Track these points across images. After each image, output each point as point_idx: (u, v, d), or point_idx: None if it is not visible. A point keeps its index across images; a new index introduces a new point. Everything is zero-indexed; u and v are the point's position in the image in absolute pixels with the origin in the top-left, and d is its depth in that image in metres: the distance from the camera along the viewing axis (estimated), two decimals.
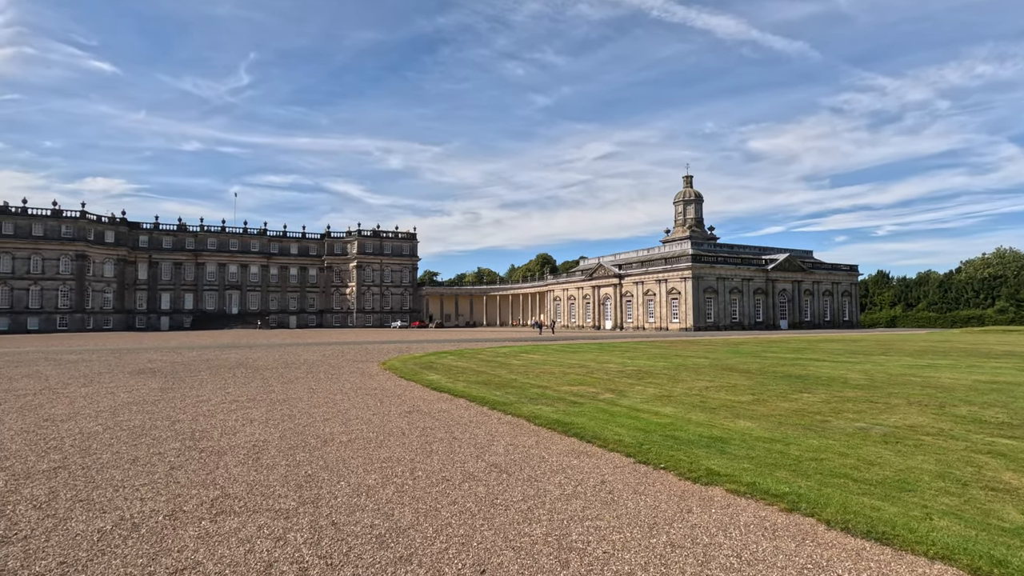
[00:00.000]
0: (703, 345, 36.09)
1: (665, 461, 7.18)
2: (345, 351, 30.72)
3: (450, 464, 6.97)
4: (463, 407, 11.77)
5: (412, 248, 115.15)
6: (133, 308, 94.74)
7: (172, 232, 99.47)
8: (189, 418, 10.11)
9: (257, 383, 15.80)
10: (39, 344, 41.22)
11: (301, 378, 17.18)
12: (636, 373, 18.64)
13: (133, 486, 5.92)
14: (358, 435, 8.66)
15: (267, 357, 26.07)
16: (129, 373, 19.00)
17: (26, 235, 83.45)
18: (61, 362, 23.63)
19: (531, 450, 7.89)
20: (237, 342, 42.71)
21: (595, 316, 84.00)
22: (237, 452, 7.46)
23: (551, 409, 11.19)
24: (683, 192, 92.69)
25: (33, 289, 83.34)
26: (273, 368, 20.54)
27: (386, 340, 45.75)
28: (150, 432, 8.82)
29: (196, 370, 19.86)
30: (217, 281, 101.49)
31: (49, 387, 15.29)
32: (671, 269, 71.38)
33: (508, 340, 45.02)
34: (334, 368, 20.67)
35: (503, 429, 9.40)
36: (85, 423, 9.66)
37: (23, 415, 10.71)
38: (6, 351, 32.00)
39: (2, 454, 7.46)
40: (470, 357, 26.44)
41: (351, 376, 17.84)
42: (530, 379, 16.84)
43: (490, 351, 30.67)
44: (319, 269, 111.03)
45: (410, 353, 28.96)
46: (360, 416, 10.41)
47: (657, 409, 11.37)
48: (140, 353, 29.31)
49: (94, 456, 7.26)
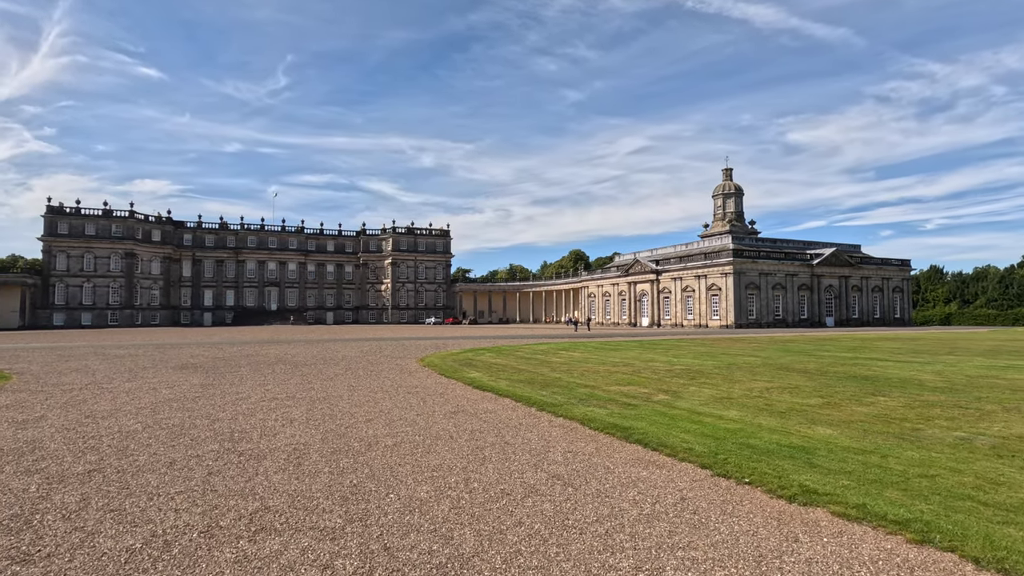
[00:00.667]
0: (749, 343, 34.57)
1: (748, 474, 6.35)
2: (382, 347, 30.54)
3: (507, 474, 6.30)
4: (509, 408, 11.11)
5: (446, 245, 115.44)
6: (178, 304, 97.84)
7: (214, 231, 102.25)
8: (228, 417, 9.75)
9: (296, 380, 15.52)
10: (91, 339, 42.64)
11: (340, 375, 16.85)
12: (686, 372, 17.66)
13: (168, 494, 5.45)
14: (403, 438, 8.08)
15: (306, 353, 26.03)
16: (172, 368, 19.07)
17: (79, 234, 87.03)
18: (109, 356, 24.08)
19: (592, 458, 7.16)
20: (276, 338, 43.25)
21: (631, 313, 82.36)
22: (277, 456, 6.97)
23: (605, 411, 10.42)
24: (722, 185, 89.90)
25: (86, 286, 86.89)
26: (312, 364, 20.35)
27: (422, 336, 45.61)
28: (189, 432, 8.46)
29: (236, 366, 19.82)
30: (257, 278, 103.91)
31: (95, 382, 15.35)
32: (711, 264, 69.24)
33: (544, 337, 44.27)
34: (373, 365, 20.34)
35: (557, 433, 8.68)
36: (125, 421, 9.40)
37: (67, 411, 10.57)
38: (61, 345, 33.08)
39: (40, 454, 7.17)
40: (508, 354, 25.83)
41: (390, 373, 17.43)
42: (575, 378, 16.08)
43: (528, 348, 30.00)
44: (355, 266, 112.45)
45: (447, 350, 28.54)
46: (403, 417, 9.86)
47: (720, 412, 10.47)
48: (183, 348, 29.78)
49: (131, 458, 6.88)
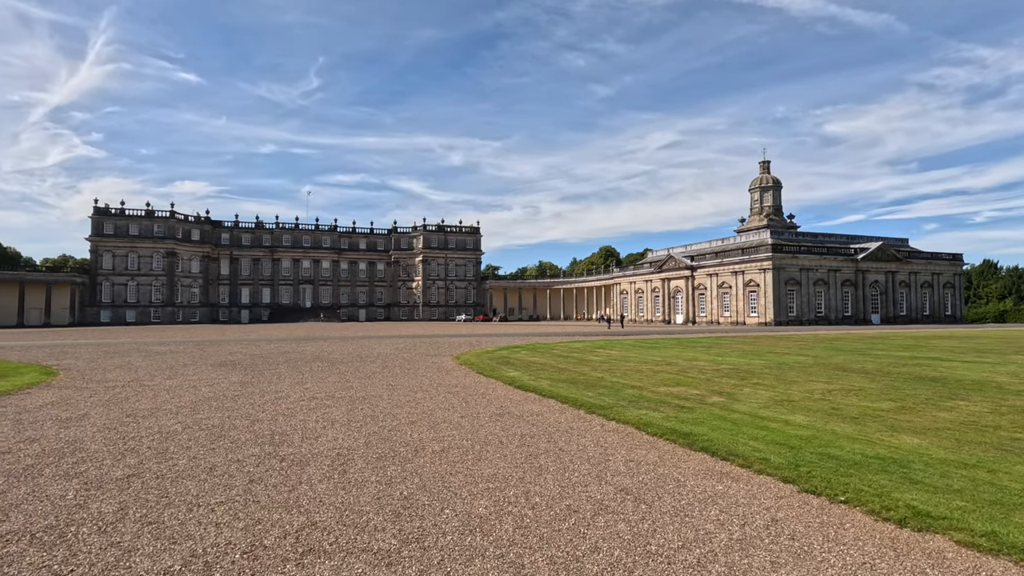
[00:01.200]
0: (793, 341, 33.13)
1: (840, 491, 5.63)
2: (416, 345, 30.33)
3: (569, 487, 5.73)
4: (556, 410, 10.54)
5: (476, 242, 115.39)
6: (217, 302, 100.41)
7: (251, 230, 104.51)
8: (268, 417, 9.45)
9: (334, 378, 15.27)
10: (134, 336, 43.84)
11: (378, 373, 16.55)
12: (734, 372, 16.77)
13: (208, 505, 5.07)
14: (451, 443, 7.60)
15: (341, 350, 25.97)
16: (211, 365, 19.13)
17: (124, 235, 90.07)
18: (151, 353, 24.46)
19: (657, 468, 6.53)
20: (311, 335, 43.66)
21: (665, 310, 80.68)
22: (320, 462, 6.56)
23: (659, 415, 9.75)
24: (759, 179, 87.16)
25: (130, 284, 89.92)
26: (349, 362, 20.17)
27: (454, 334, 45.41)
28: (228, 433, 8.16)
29: (274, 363, 19.78)
30: (292, 276, 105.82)
31: (137, 379, 15.41)
32: (749, 260, 67.14)
33: (577, 334, 43.51)
34: (409, 362, 20.04)
35: (613, 439, 8.07)
36: (165, 420, 9.19)
37: (109, 409, 10.46)
38: (106, 342, 33.99)
39: (80, 456, 6.94)
40: (544, 352, 25.24)
41: (427, 371, 17.05)
42: (619, 378, 15.40)
43: (563, 346, 29.36)
44: (386, 264, 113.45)
45: (481, 347, 28.13)
46: (448, 419, 9.39)
47: (785, 417, 9.68)
48: (222, 345, 30.15)
49: (170, 462, 6.57)
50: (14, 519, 4.77)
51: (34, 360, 21.44)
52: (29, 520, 4.74)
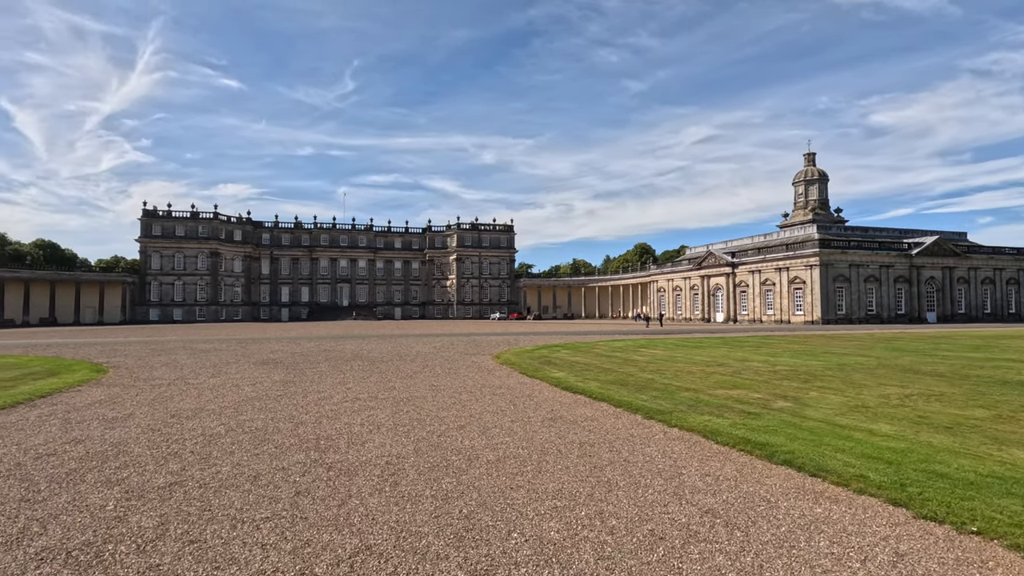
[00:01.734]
0: (847, 340, 31.40)
1: (967, 519, 4.81)
2: (454, 343, 30.02)
3: (646, 507, 5.09)
4: (611, 414, 9.88)
5: (509, 240, 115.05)
6: (258, 300, 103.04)
7: (290, 230, 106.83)
8: (312, 419, 9.11)
9: (375, 378, 14.97)
10: (181, 334, 45.07)
11: (419, 372, 16.19)
12: (793, 374, 15.74)
13: (253, 521, 4.64)
14: (505, 452, 7.04)
15: (380, 349, 25.84)
16: (254, 363, 19.16)
17: (171, 235, 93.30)
18: (196, 351, 24.84)
19: (739, 485, 5.82)
20: (349, 332, 44.01)
21: (704, 308, 78.53)
22: (370, 472, 6.10)
23: (725, 421, 8.98)
24: (804, 171, 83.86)
25: (177, 284, 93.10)
26: (388, 360, 19.92)
27: (489, 332, 45.04)
28: (272, 437, 7.81)
29: (315, 361, 19.70)
30: (329, 275, 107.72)
31: (182, 377, 15.45)
32: (794, 256, 64.58)
33: (615, 333, 42.51)
34: (449, 361, 19.65)
35: (680, 449, 7.37)
36: (208, 422, 8.95)
37: (153, 408, 10.34)
38: (154, 340, 34.93)
39: (123, 460, 6.68)
40: (586, 352, 24.52)
41: (469, 371, 16.60)
42: (669, 379, 14.60)
43: (604, 345, 28.55)
44: (421, 262, 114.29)
45: (520, 346, 27.59)
46: (498, 424, 8.85)
47: (867, 425, 8.77)
48: (264, 343, 30.50)
49: (213, 468, 6.23)
50: (51, 533, 4.45)
51: (87, 357, 21.98)
52: (67, 535, 4.40)
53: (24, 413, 10.11)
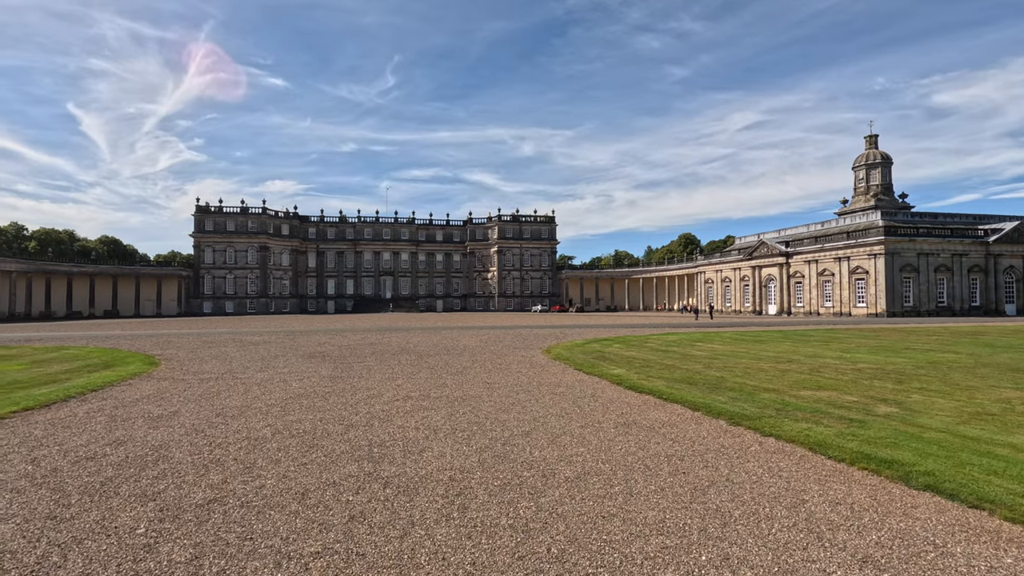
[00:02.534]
0: (925, 335, 28.91)
1: None
2: (500, 336, 29.25)
3: (781, 551, 4.05)
4: (689, 419, 8.79)
5: (551, 231, 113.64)
6: (305, 293, 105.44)
7: (335, 224, 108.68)
8: (363, 421, 8.40)
9: (425, 374, 14.27)
10: (232, 326, 46.08)
11: (469, 368, 15.42)
12: (880, 373, 14.16)
13: (301, 557, 3.86)
14: (584, 466, 6.09)
15: (426, 342, 25.31)
16: (301, 357, 18.88)
17: (222, 230, 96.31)
18: (245, 343, 24.94)
19: (886, 520, 4.67)
20: (393, 325, 43.98)
21: (756, 300, 75.28)
22: (432, 490, 5.27)
23: (829, 430, 7.75)
24: (865, 155, 78.95)
25: (228, 277, 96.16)
26: (436, 355, 19.28)
27: (534, 325, 44.12)
28: (321, 442, 7.12)
29: (362, 355, 19.25)
30: (373, 268, 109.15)
31: (230, 371, 15.19)
32: (855, 244, 60.82)
33: (665, 326, 40.84)
34: (498, 356, 18.84)
35: (787, 465, 6.25)
36: (254, 422, 8.37)
37: (200, 405, 9.90)
38: (207, 332, 35.65)
39: (162, 467, 6.09)
40: (639, 346, 23.29)
41: (521, 367, 15.72)
42: (740, 377, 13.32)
43: (657, 339, 27.19)
44: (462, 255, 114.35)
45: (569, 340, 26.55)
46: (566, 429, 7.90)
47: (1006, 439, 7.39)
48: (311, 336, 30.54)
49: (257, 481, 5.53)
50: (71, 564, 3.78)
51: (141, 349, 22.29)
52: (87, 567, 3.72)
53: (74, 408, 9.85)
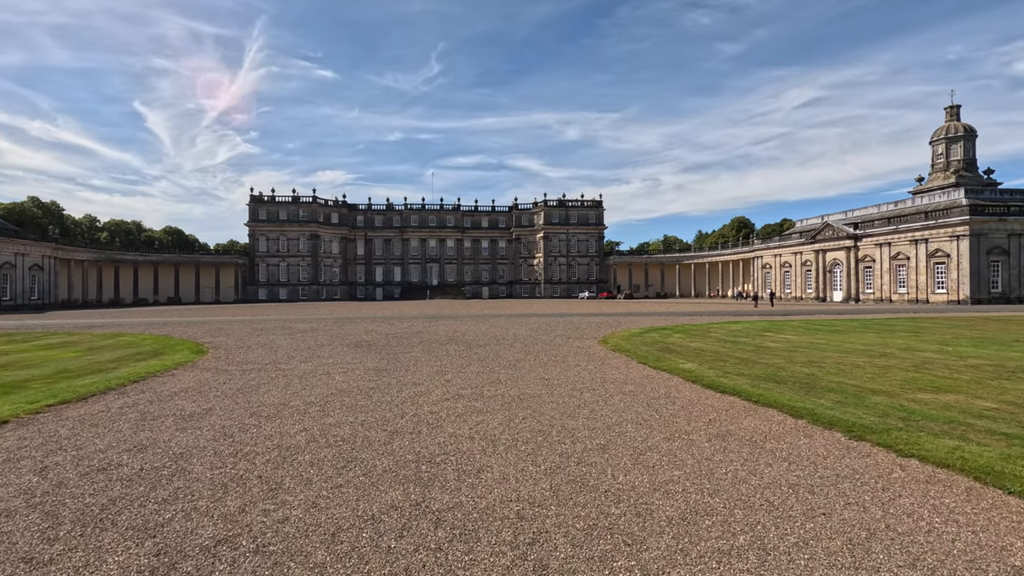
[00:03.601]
0: None
1: None
2: (550, 324, 27.96)
3: None
4: (792, 429, 7.27)
5: (598, 216, 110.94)
6: (354, 280, 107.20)
7: (382, 211, 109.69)
8: (409, 426, 7.33)
9: (476, 367, 13.17)
10: (283, 313, 46.72)
11: (522, 360, 14.23)
12: (1001, 371, 12.08)
13: None
14: (687, 500, 4.75)
15: (475, 330, 24.33)
16: (347, 346, 18.21)
17: (275, 219, 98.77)
18: (294, 331, 24.66)
19: None
20: (440, 312, 43.42)
21: (819, 286, 70.82)
22: (496, 534, 4.07)
23: (988, 451, 6.09)
24: (945, 127, 72.40)
25: (281, 265, 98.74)
26: (486, 345, 18.20)
27: (583, 312, 42.60)
28: (360, 455, 6.06)
29: (409, 345, 18.41)
30: (419, 255, 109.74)
31: (274, 361, 14.58)
32: (934, 225, 55.86)
33: (723, 314, 38.47)
34: (551, 346, 17.58)
35: (955, 504, 4.71)
36: (289, 425, 7.44)
37: (235, 402, 9.12)
38: (259, 319, 36.02)
39: (177, 485, 5.16)
40: (701, 336, 21.53)
41: (579, 359, 14.40)
42: (833, 374, 11.57)
43: (719, 328, 25.25)
44: (508, 241, 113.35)
45: (624, 329, 25.00)
46: (650, 442, 6.56)
47: None
48: (359, 323, 30.15)
49: (279, 511, 4.50)
50: None
51: (193, 337, 22.28)
52: None
53: (110, 402, 9.27)
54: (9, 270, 61.84)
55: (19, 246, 63.14)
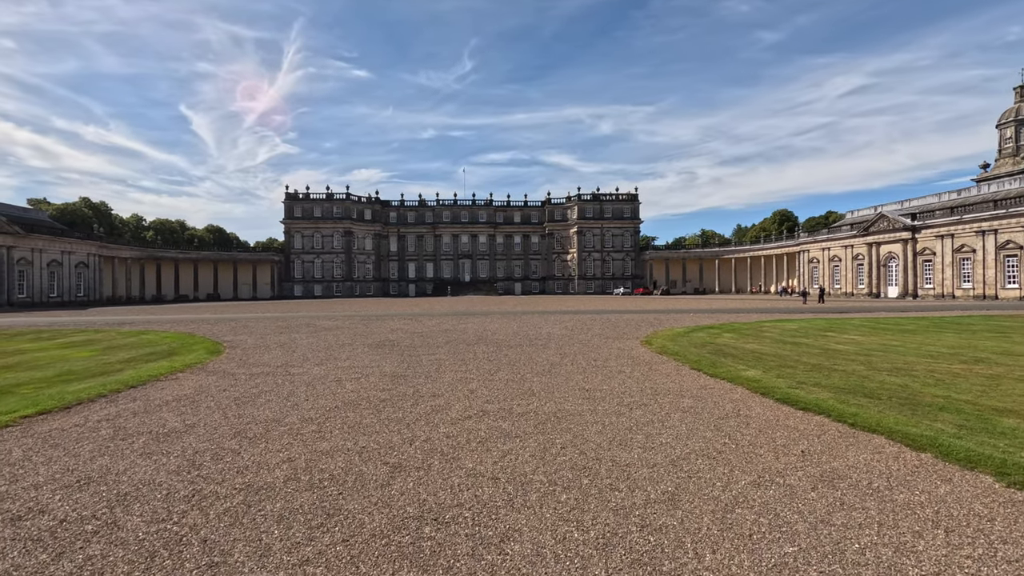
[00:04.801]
0: None
1: None
2: (587, 322, 26.23)
3: None
4: (918, 468, 5.47)
5: (633, 210, 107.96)
6: (387, 276, 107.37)
7: (414, 208, 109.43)
8: (416, 459, 5.85)
9: (505, 373, 11.65)
10: (314, 309, 46.30)
11: (558, 365, 12.64)
12: None
13: None
14: None
15: (505, 329, 22.83)
16: (369, 346, 16.98)
17: (309, 216, 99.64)
18: (318, 329, 23.71)
19: None
20: (471, 309, 42.16)
21: (872, 280, 66.58)
22: None
23: None
24: (1015, 109, 66.91)
25: (316, 262, 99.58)
26: (517, 346, 16.68)
27: (621, 309, 40.62)
28: (346, 506, 4.61)
29: (434, 345, 17.05)
30: (452, 251, 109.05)
31: (287, 363, 13.41)
32: (1006, 215, 51.38)
33: (771, 311, 35.89)
34: (589, 347, 15.93)
35: None
36: (273, 453, 6.08)
37: (225, 417, 7.86)
38: (287, 316, 35.43)
39: (90, 552, 3.82)
40: (754, 336, 19.50)
41: (622, 363, 12.71)
42: (933, 387, 9.56)
43: (772, 327, 23.08)
44: (540, 236, 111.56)
45: (667, 327, 23.08)
46: (738, 493, 4.89)
47: None
48: (385, 321, 29.09)
49: None
50: None
51: (215, 335, 21.53)
52: None
53: (91, 414, 8.16)
54: (56, 268, 63.74)
55: (66, 244, 65.02)
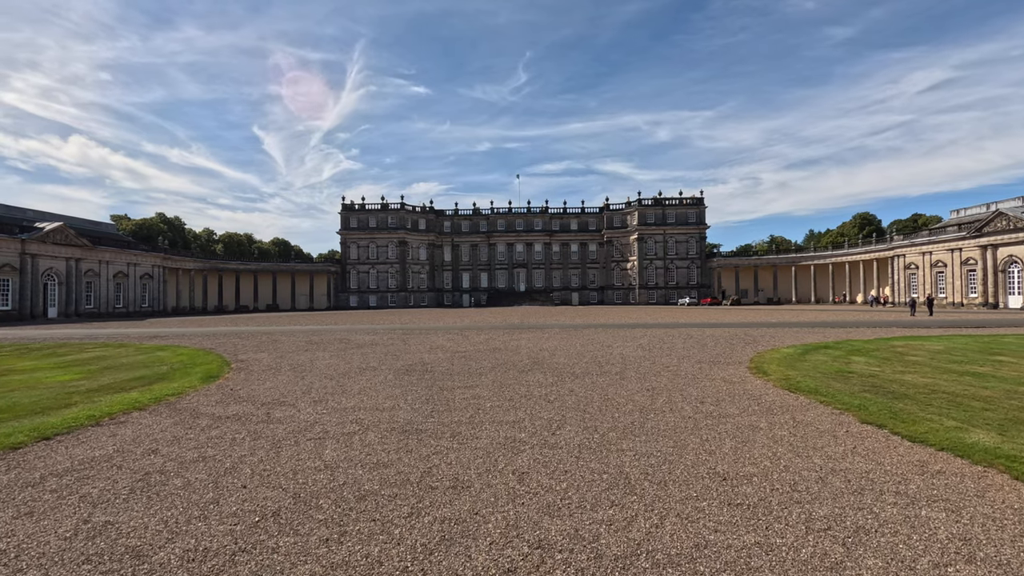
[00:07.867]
0: None
1: None
2: (664, 339, 21.92)
3: None
4: None
5: (699, 215, 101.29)
6: (441, 287, 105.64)
7: (468, 216, 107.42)
8: None
9: (574, 429, 7.82)
10: (360, 321, 44.00)
11: (648, 409, 8.68)
12: None
13: None
14: None
15: (566, 348, 18.93)
16: (395, 371, 13.63)
17: (365, 227, 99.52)
18: (349, 345, 20.73)
19: None
20: (525, 321, 38.46)
21: (986, 289, 57.77)
22: None
23: None
24: None
25: (371, 272, 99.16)
26: (583, 375, 12.80)
27: (695, 322, 35.78)
28: None
29: (476, 372, 13.45)
30: (506, 260, 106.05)
31: (279, 398, 10.17)
32: None
33: (874, 324, 30.04)
34: (683, 379, 11.84)
35: None
36: None
37: (87, 529, 4.53)
38: (325, 328, 32.96)
39: None
40: (895, 360, 14.79)
41: (740, 407, 8.60)
42: None
43: (903, 345, 18.16)
44: (598, 244, 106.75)
45: (769, 347, 18.51)
46: None
47: None
48: (427, 336, 25.84)
49: None
50: None
51: (235, 352, 18.92)
52: None
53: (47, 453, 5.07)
54: (123, 279, 65.34)
55: (131, 256, 66.67)
